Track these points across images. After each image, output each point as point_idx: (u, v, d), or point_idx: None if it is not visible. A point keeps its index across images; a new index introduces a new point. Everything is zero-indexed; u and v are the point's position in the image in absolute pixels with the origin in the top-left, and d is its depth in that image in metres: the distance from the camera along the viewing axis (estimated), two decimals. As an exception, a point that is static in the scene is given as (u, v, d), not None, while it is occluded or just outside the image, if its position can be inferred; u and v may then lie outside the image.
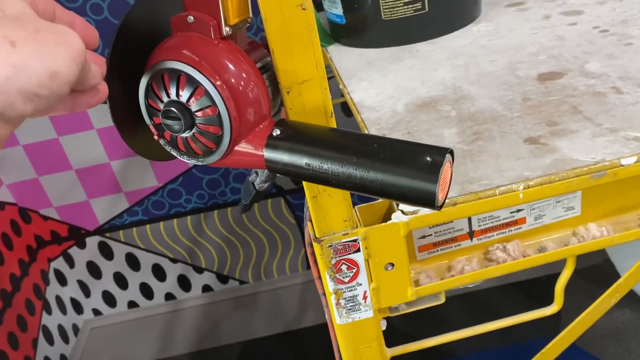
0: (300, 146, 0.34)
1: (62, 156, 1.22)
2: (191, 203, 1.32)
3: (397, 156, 0.32)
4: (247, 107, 0.35)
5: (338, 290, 0.45)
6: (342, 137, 0.34)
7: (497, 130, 0.50)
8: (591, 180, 0.43)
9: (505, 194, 0.43)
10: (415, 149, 0.32)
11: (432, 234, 0.47)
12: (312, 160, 0.34)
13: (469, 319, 1.38)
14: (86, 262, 1.37)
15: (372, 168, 0.32)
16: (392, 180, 0.32)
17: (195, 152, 0.36)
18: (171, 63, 0.34)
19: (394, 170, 0.32)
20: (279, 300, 1.48)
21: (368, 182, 0.32)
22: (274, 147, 0.35)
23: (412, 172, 0.31)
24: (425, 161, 0.31)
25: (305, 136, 0.35)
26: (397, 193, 0.32)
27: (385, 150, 0.32)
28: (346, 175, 0.33)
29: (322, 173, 0.34)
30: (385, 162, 0.32)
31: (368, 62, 0.71)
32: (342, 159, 0.33)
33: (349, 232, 0.42)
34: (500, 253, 0.47)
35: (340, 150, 0.33)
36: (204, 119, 0.35)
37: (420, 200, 0.32)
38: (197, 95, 0.34)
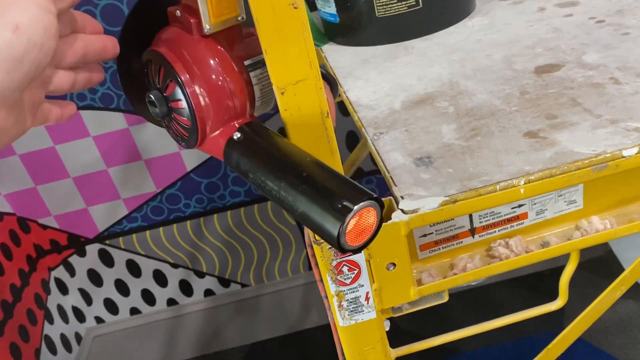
0: (246, 156, 0.36)
1: (59, 164, 1.22)
2: (190, 208, 1.31)
3: (315, 192, 0.32)
4: (215, 106, 0.37)
5: (340, 292, 0.44)
6: (284, 157, 0.34)
7: (496, 125, 0.49)
8: (593, 173, 0.42)
9: (506, 190, 0.42)
10: (334, 190, 0.32)
11: (433, 232, 0.47)
12: (252, 172, 0.35)
13: (473, 315, 1.37)
14: (87, 270, 1.37)
15: (294, 193, 0.32)
16: (307, 211, 0.31)
17: (177, 136, 0.39)
18: (156, 53, 0.37)
19: (309, 202, 0.31)
20: (281, 302, 1.47)
21: (292, 209, 0.32)
22: (231, 148, 0.37)
23: (323, 210, 0.31)
24: (337, 204, 0.30)
25: (255, 148, 0.36)
26: (311, 225, 0.32)
27: (308, 182, 0.32)
28: (277, 195, 0.33)
29: (260, 186, 0.35)
30: (303, 194, 0.32)
31: (363, 60, 0.70)
32: (273, 180, 0.33)
33: (349, 233, 0.42)
34: (503, 249, 0.46)
35: (274, 171, 0.34)
36: (176, 110, 0.37)
37: (327, 238, 0.31)
38: (170, 87, 0.37)
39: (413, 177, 0.45)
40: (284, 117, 0.37)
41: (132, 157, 1.23)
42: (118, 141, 1.21)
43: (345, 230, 0.30)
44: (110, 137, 1.20)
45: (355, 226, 0.31)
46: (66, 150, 1.20)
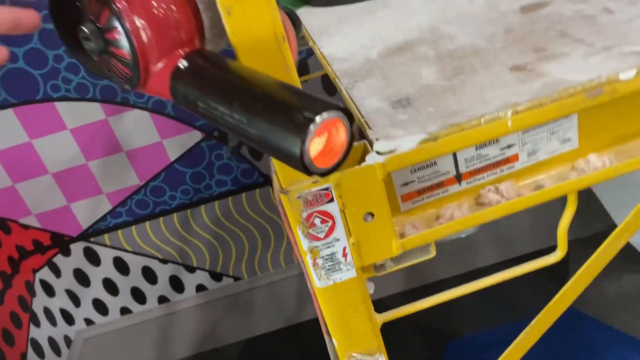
0: (194, 84, 0.32)
1: (37, 160, 1.17)
2: (176, 200, 1.27)
3: (272, 108, 0.27)
4: (156, 33, 0.32)
5: (314, 248, 0.40)
6: (236, 78, 0.30)
7: (480, 63, 0.45)
8: (587, 100, 0.38)
9: (492, 123, 0.38)
10: (296, 101, 0.27)
11: (415, 180, 0.42)
12: (202, 100, 0.31)
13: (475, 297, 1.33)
14: (73, 270, 1.32)
15: (249, 119, 0.28)
16: (265, 136, 0.27)
17: (119, 76, 0.34)
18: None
19: (266, 122, 0.27)
20: (276, 295, 1.43)
21: (248, 134, 0.28)
22: (177, 79, 0.33)
23: (282, 127, 0.27)
24: (298, 116, 0.26)
25: (203, 73, 0.32)
26: (271, 149, 0.27)
27: (263, 99, 0.28)
28: (230, 121, 0.29)
29: (212, 116, 0.30)
30: (259, 112, 0.28)
31: (339, 18, 0.66)
32: (225, 103, 0.29)
33: (319, 180, 0.38)
34: (493, 195, 0.42)
35: (225, 93, 0.30)
36: (113, 43, 0.33)
37: (289, 160, 0.27)
38: (104, 16, 0.32)
39: (389, 120, 0.41)
40: (233, 42, 0.32)
41: (112, 149, 1.19)
42: (97, 133, 1.17)
43: (308, 146, 0.26)
44: (88, 129, 1.16)
45: (324, 147, 0.27)
46: (43, 145, 1.15)
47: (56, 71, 1.08)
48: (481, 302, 1.32)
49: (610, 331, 1.18)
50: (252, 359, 1.40)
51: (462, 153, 0.41)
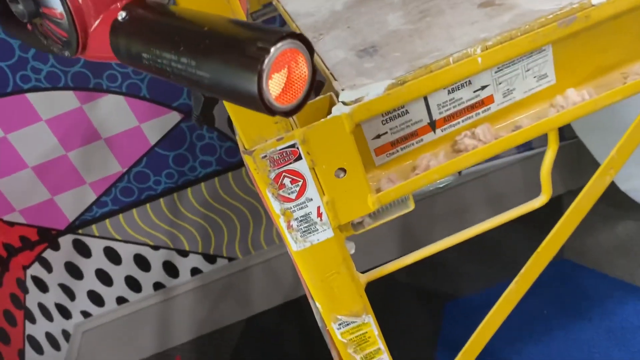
0: (136, 34, 0.29)
1: (15, 155, 1.15)
2: (161, 184, 1.25)
3: (224, 42, 0.25)
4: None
5: (286, 210, 0.38)
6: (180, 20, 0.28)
7: (446, 3, 0.43)
8: (560, 29, 0.36)
9: (461, 62, 0.36)
10: (247, 34, 0.25)
11: (387, 132, 0.40)
12: (146, 51, 0.28)
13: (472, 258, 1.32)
14: (64, 264, 1.30)
15: (198, 59, 0.26)
16: (217, 75, 0.25)
17: (56, 42, 0.31)
18: None
19: (217, 61, 0.25)
20: (273, 272, 1.42)
21: (200, 78, 0.26)
22: (116, 34, 0.30)
23: (234, 63, 0.24)
24: (251, 48, 0.24)
25: (144, 22, 0.29)
26: (225, 92, 0.25)
27: (211, 36, 0.25)
28: (178, 67, 0.26)
29: (159, 66, 0.28)
30: (209, 52, 0.25)
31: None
32: (171, 50, 0.27)
33: (284, 137, 0.36)
34: (469, 140, 0.40)
35: (170, 37, 0.27)
36: (45, 2, 0.30)
37: (246, 100, 0.25)
38: None
39: (355, 69, 0.39)
40: (172, -10, 0.30)
41: (91, 138, 1.16)
42: (73, 122, 1.14)
43: (266, 80, 0.24)
44: (64, 118, 1.13)
45: (285, 83, 0.25)
46: (19, 138, 1.12)
47: (24, 61, 1.05)
48: (478, 263, 1.32)
49: (607, 280, 1.18)
50: (253, 337, 1.39)
51: (434, 98, 0.39)
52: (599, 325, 1.10)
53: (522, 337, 1.12)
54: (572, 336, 1.09)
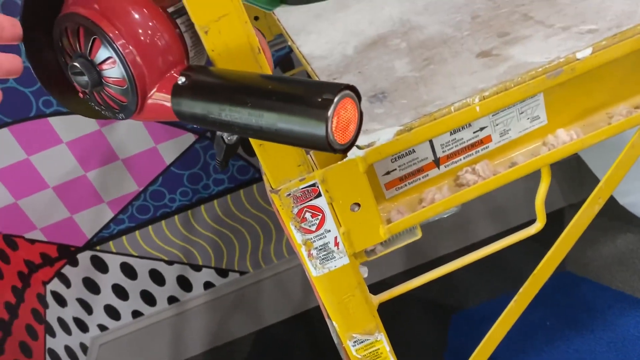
0: (201, 94, 0.33)
1: (37, 176, 1.20)
2: (176, 202, 1.30)
3: (289, 96, 0.30)
4: (149, 56, 0.34)
5: (307, 240, 0.43)
6: (243, 81, 0.32)
7: (449, 52, 0.48)
8: (548, 80, 0.41)
9: (461, 110, 0.40)
10: (309, 88, 0.30)
11: (396, 169, 0.45)
12: (212, 110, 0.32)
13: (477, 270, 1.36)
14: (82, 279, 1.35)
15: (265, 111, 0.30)
16: (285, 124, 0.29)
17: (113, 107, 0.35)
18: (71, 16, 0.33)
19: (284, 112, 0.29)
20: (283, 285, 1.46)
21: (264, 128, 0.30)
22: (179, 96, 0.34)
23: (302, 113, 0.29)
24: (316, 100, 0.29)
25: (206, 86, 0.33)
26: (293, 137, 0.30)
27: (278, 91, 0.30)
28: (244, 122, 0.31)
29: (224, 122, 0.32)
30: (277, 103, 0.30)
31: (315, 15, 0.68)
32: (238, 105, 0.31)
33: (306, 177, 0.40)
34: (470, 175, 0.45)
35: (237, 95, 0.31)
36: (107, 72, 0.33)
37: (314, 144, 0.29)
38: (96, 47, 0.33)
39: (367, 114, 0.43)
40: (212, 58, 0.35)
41: (109, 158, 1.21)
42: (92, 144, 1.19)
43: (332, 125, 0.28)
44: (83, 140, 1.18)
45: (338, 122, 0.29)
46: (41, 160, 1.18)
47: (46, 87, 1.10)
48: (482, 275, 1.36)
49: (608, 292, 1.22)
50: (264, 349, 1.43)
51: (438, 139, 0.44)
52: (601, 337, 1.13)
53: (525, 348, 1.15)
54: (573, 347, 1.13)
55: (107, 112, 0.36)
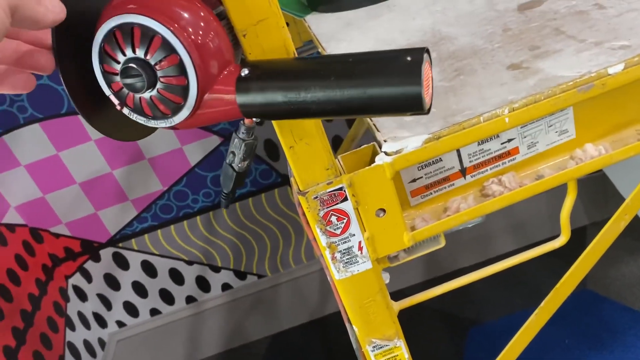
0: (274, 81, 0.33)
1: (65, 171, 1.23)
2: (199, 203, 1.31)
3: (375, 65, 0.31)
4: (209, 52, 0.33)
5: (331, 243, 0.43)
6: (315, 62, 0.33)
7: (479, 63, 0.48)
8: (579, 94, 0.41)
9: (490, 120, 0.41)
10: (391, 55, 0.31)
11: (422, 177, 0.45)
12: (289, 92, 0.32)
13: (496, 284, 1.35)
14: (103, 275, 1.37)
15: (353, 84, 0.31)
16: (375, 91, 0.30)
17: (163, 112, 0.34)
18: (121, 18, 0.33)
19: (375, 79, 0.30)
20: (299, 290, 1.47)
21: (351, 100, 0.31)
22: (246, 89, 0.33)
23: (394, 77, 0.30)
24: (405, 62, 0.30)
25: (277, 69, 0.33)
26: (383, 104, 0.30)
27: (361, 62, 0.31)
28: (327, 98, 0.31)
29: (301, 103, 0.32)
30: (365, 73, 0.30)
31: (346, 23, 0.69)
32: (321, 83, 0.31)
33: (333, 181, 0.41)
34: (496, 186, 0.45)
35: (317, 74, 0.32)
36: (166, 70, 0.33)
37: (407, 103, 0.30)
38: (154, 45, 0.32)
39: (396, 122, 0.44)
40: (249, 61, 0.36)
41: (135, 157, 1.24)
42: (119, 143, 1.21)
43: (424, 84, 0.30)
44: (111, 140, 1.20)
45: (425, 79, 0.30)
46: (70, 156, 1.21)
47: (79, 85, 1.13)
48: (502, 289, 1.35)
49: (630, 312, 1.20)
50: (279, 353, 1.44)
51: (465, 149, 0.44)
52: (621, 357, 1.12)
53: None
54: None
55: (153, 120, 0.35)
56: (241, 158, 0.61)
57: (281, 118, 0.34)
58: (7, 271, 1.16)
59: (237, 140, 0.43)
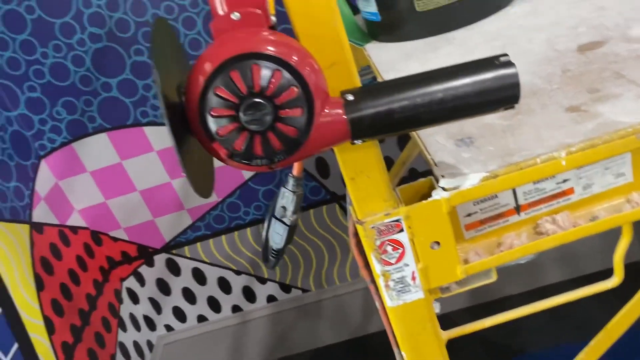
0: (384, 97, 0.37)
1: (127, 179, 1.29)
2: (250, 215, 1.35)
3: (474, 70, 0.36)
4: (319, 82, 0.35)
5: (386, 272, 0.45)
6: (415, 76, 0.37)
7: (537, 103, 0.49)
8: (637, 141, 0.42)
9: (547, 162, 0.42)
10: (482, 61, 0.37)
11: (477, 212, 0.47)
12: (401, 103, 0.36)
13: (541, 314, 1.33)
14: (155, 280, 1.43)
15: (460, 86, 0.36)
16: (480, 88, 0.36)
17: (275, 148, 0.35)
18: (238, 58, 0.33)
19: (479, 80, 0.36)
20: (342, 307, 1.48)
21: (459, 100, 0.36)
22: (356, 109, 0.37)
23: (494, 75, 0.36)
24: (498, 62, 0.37)
25: (381, 88, 0.37)
26: (487, 99, 0.36)
27: (461, 69, 0.37)
28: (437, 102, 0.36)
29: (412, 112, 0.36)
30: (468, 76, 0.36)
31: (405, 54, 0.71)
32: (427, 89, 0.36)
33: (391, 212, 0.43)
34: (550, 225, 0.46)
35: (421, 83, 0.36)
36: (286, 103, 0.34)
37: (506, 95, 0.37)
38: (276, 79, 0.34)
39: (454, 157, 0.46)
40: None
41: (192, 169, 1.29)
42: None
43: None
44: (172, 151, 1.26)
45: None
46: (132, 165, 1.27)
47: (145, 99, 1.20)
48: (547, 320, 1.32)
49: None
50: (320, 368, 1.45)
51: (521, 187, 0.46)
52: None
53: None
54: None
55: (260, 160, 0.36)
56: (292, 211, 0.62)
57: (392, 131, 0.38)
58: (68, 271, 1.23)
59: (287, 194, 0.45)
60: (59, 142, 1.23)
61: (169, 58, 0.38)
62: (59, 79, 1.16)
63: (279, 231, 0.53)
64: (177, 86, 0.37)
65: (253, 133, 0.35)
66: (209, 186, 0.42)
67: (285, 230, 0.51)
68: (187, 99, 0.36)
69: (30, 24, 1.10)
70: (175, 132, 0.35)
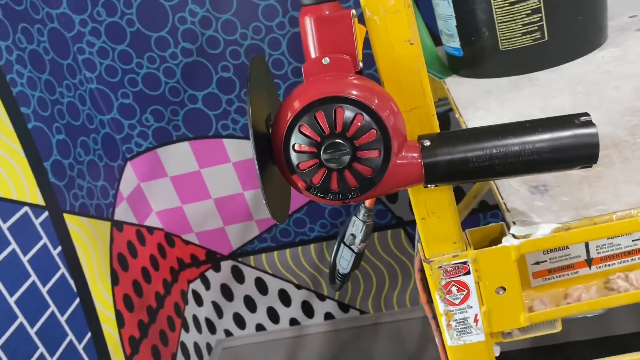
0: (460, 146, 0.37)
1: (203, 186, 1.35)
2: (314, 232, 1.38)
3: (553, 126, 0.36)
4: (397, 125, 0.37)
5: (448, 311, 0.46)
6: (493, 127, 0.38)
7: (618, 156, 0.49)
8: None
9: (623, 220, 0.42)
10: (562, 119, 0.37)
11: (546, 260, 0.47)
12: (477, 153, 0.37)
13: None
14: (220, 285, 1.48)
15: (537, 141, 0.36)
16: (558, 145, 0.36)
17: (350, 185, 0.37)
18: (324, 100, 0.36)
19: (558, 137, 0.36)
20: (399, 333, 1.47)
21: (536, 155, 0.36)
22: (432, 155, 0.38)
23: (573, 133, 0.36)
24: (578, 122, 0.36)
25: (459, 136, 0.38)
26: (564, 157, 0.36)
27: (540, 125, 0.37)
28: (513, 155, 0.36)
29: (487, 162, 0.37)
30: (546, 132, 0.36)
31: (486, 91, 0.71)
32: (504, 142, 0.37)
33: (459, 254, 0.44)
34: (622, 282, 0.45)
35: (499, 135, 0.37)
36: (365, 144, 0.36)
37: (584, 154, 0.36)
38: (357, 121, 0.36)
39: (526, 204, 0.46)
40: (398, 141, 0.40)
41: (265, 182, 1.33)
42: (254, 168, 1.32)
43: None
44: (247, 163, 1.31)
45: None
46: (209, 173, 1.33)
47: (227, 113, 1.25)
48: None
49: None
50: (372, 391, 1.45)
51: (594, 240, 0.45)
52: None
53: None
54: None
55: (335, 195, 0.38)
56: (361, 239, 0.64)
57: (465, 179, 0.38)
58: (141, 269, 1.30)
59: (358, 222, 0.47)
60: (145, 147, 1.31)
61: (262, 91, 0.41)
62: (151, 88, 1.24)
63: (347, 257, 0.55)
64: (266, 118, 0.40)
65: (331, 170, 0.37)
66: (285, 212, 0.44)
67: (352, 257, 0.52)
68: (274, 131, 0.38)
69: (129, 36, 1.19)
70: (260, 160, 0.37)
